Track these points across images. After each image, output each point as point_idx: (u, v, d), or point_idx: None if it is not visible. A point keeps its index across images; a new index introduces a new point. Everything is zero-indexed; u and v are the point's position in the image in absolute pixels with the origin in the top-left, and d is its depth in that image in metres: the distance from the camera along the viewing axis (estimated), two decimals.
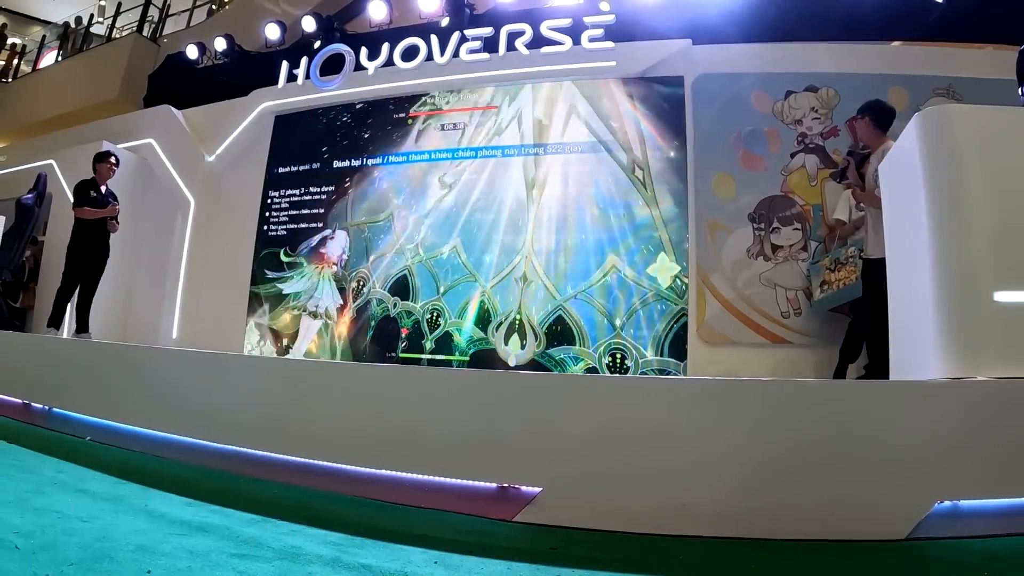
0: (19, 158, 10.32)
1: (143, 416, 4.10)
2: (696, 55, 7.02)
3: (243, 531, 2.42)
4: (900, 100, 6.21)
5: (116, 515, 2.49)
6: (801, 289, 6.15)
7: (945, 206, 3.11)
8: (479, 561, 2.25)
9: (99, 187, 6.51)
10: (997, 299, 2.88)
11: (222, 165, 8.92)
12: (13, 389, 5.03)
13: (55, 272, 6.94)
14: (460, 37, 7.86)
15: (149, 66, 11.63)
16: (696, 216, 6.62)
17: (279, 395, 3.71)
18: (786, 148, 6.57)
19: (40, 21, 18.25)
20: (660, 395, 2.97)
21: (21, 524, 2.20)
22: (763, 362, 6.18)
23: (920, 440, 2.60)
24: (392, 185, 7.91)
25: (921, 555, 2.40)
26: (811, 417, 2.70)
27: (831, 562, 2.35)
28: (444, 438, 3.14)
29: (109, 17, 14.78)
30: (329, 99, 8.46)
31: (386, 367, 3.71)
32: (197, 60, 10.14)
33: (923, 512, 2.48)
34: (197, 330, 8.36)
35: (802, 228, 6.34)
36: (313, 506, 3.01)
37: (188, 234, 8.81)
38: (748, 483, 2.65)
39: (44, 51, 15.74)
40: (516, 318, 6.92)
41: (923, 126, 3.28)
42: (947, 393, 2.73)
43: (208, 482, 3.39)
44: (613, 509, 2.74)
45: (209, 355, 4.70)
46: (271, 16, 10.00)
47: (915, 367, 3.27)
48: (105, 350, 5.10)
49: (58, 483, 2.97)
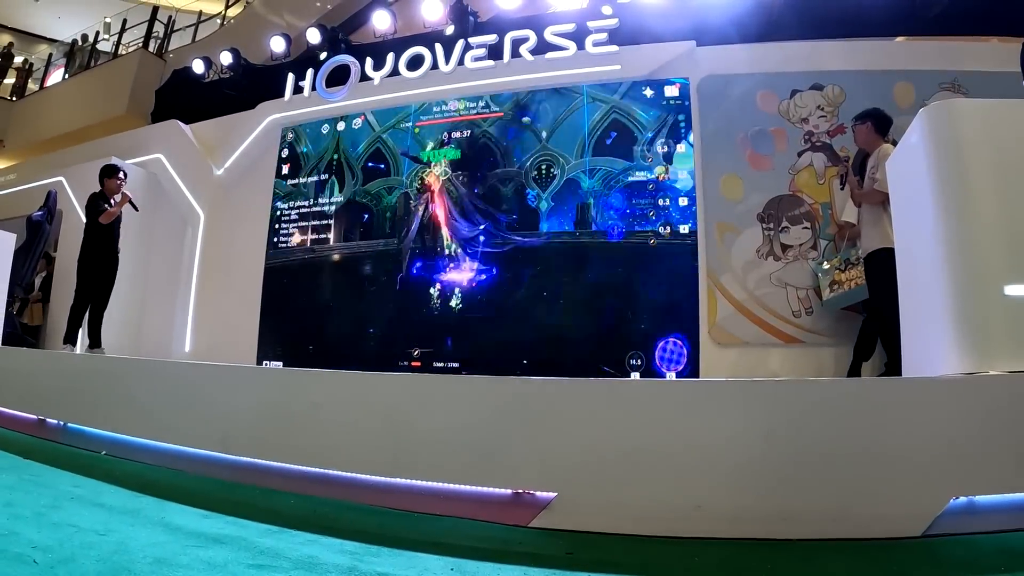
0: (29, 176, 10.41)
1: (158, 429, 4.11)
2: (701, 57, 7.03)
3: (260, 542, 2.43)
4: (906, 96, 6.22)
5: (133, 528, 2.51)
6: (812, 288, 6.13)
7: (952, 201, 3.11)
8: (495, 567, 2.26)
9: (109, 200, 6.56)
10: (1008, 293, 2.87)
11: (231, 178, 8.97)
12: (28, 405, 5.06)
13: (67, 288, 6.98)
14: (465, 45, 7.89)
15: (156, 81, 11.71)
16: (705, 218, 6.62)
17: (293, 405, 3.71)
18: (793, 147, 6.56)
19: (46, 39, 18.38)
20: (673, 397, 2.96)
21: (39, 539, 2.22)
22: (776, 362, 6.17)
23: (934, 437, 2.59)
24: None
25: (937, 552, 2.39)
26: (825, 416, 2.69)
27: (847, 561, 2.34)
28: (458, 445, 3.14)
29: (115, 34, 14.89)
30: (335, 110, 8.50)
31: (399, 376, 3.71)
32: (203, 74, 10.19)
33: (938, 509, 2.46)
34: (210, 342, 8.40)
35: (811, 227, 6.33)
36: (329, 515, 3.02)
37: (199, 247, 8.87)
38: (763, 483, 2.64)
39: (51, 69, 15.84)
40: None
41: (929, 122, 3.28)
42: (960, 389, 2.72)
43: (224, 494, 3.40)
44: (628, 512, 2.73)
45: (222, 367, 4.72)
46: (276, 29, 10.04)
47: (928, 364, 3.26)
48: (118, 365, 5.12)
49: (75, 497, 2.99)
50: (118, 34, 14.33)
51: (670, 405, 2.91)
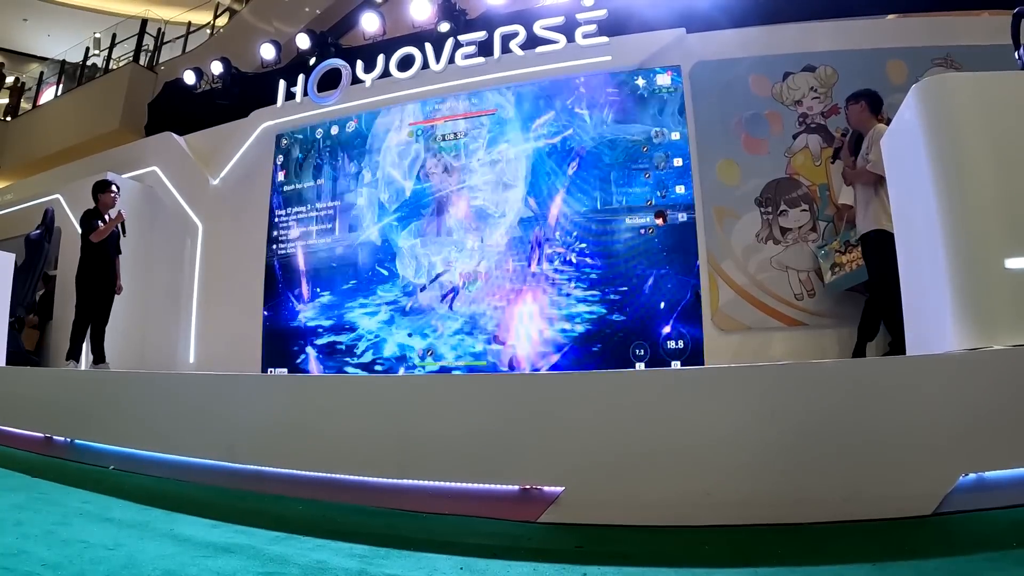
0: (25, 195, 10.40)
1: (165, 442, 4.11)
2: (691, 43, 7.01)
3: (268, 549, 2.42)
4: (899, 73, 6.20)
5: (142, 541, 2.51)
6: (813, 270, 6.12)
7: (949, 175, 3.09)
8: (505, 564, 2.25)
9: (103, 216, 6.56)
10: (1008, 266, 2.85)
11: (227, 187, 8.97)
12: (35, 423, 5.07)
13: (68, 306, 6.99)
14: (455, 43, 7.87)
15: (148, 94, 11.73)
16: (703, 204, 6.60)
17: (298, 412, 3.71)
18: (788, 130, 6.54)
19: (37, 58, 18.40)
20: (678, 386, 2.95)
21: (48, 556, 2.22)
22: (780, 346, 6.16)
23: (941, 414, 2.58)
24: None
25: (949, 529, 2.38)
26: (831, 398, 2.68)
27: (859, 542, 2.33)
28: (463, 443, 3.14)
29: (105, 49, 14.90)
30: (328, 114, 8.49)
31: (402, 377, 3.72)
32: (195, 85, 10.18)
33: (948, 486, 2.45)
34: (214, 352, 8.42)
35: (810, 209, 6.32)
36: (337, 520, 3.02)
37: (198, 258, 8.88)
38: (771, 469, 2.63)
39: (43, 87, 15.86)
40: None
41: (923, 97, 3.26)
42: (965, 365, 2.70)
43: (232, 503, 3.40)
44: (637, 503, 2.73)
45: (227, 377, 4.72)
46: (265, 36, 10.06)
47: (931, 341, 3.25)
48: (123, 379, 5.13)
49: (83, 513, 2.99)
50: (108, 49, 14.33)
51: (676, 394, 2.90)
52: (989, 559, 2.10)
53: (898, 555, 2.18)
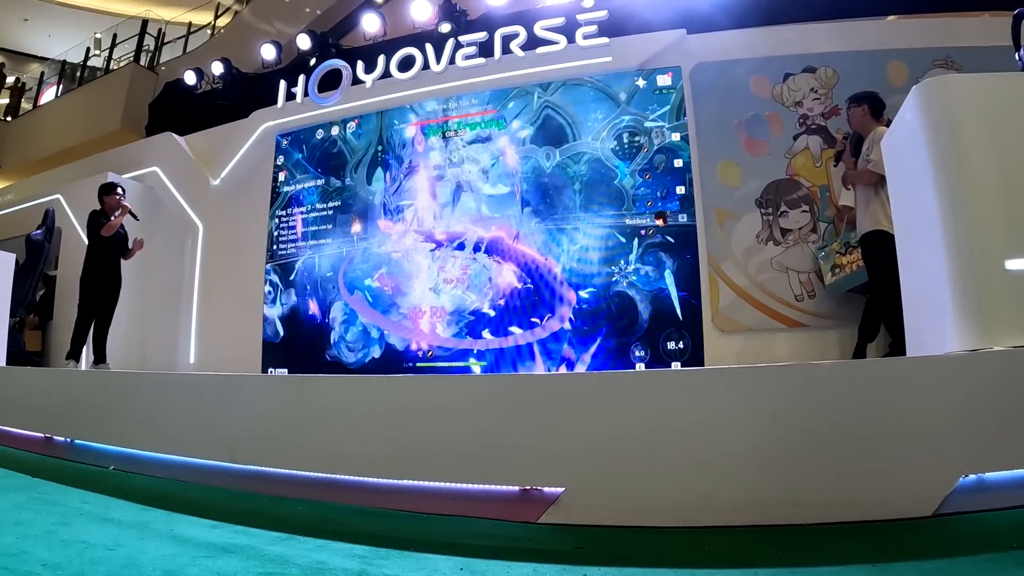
0: (26, 195, 10.39)
1: (165, 442, 4.11)
2: (691, 45, 7.01)
3: (269, 550, 2.42)
4: (900, 74, 6.20)
5: (142, 541, 2.50)
6: (813, 271, 6.12)
7: (949, 176, 3.09)
8: (505, 565, 2.25)
9: (109, 217, 6.55)
10: (1009, 268, 2.85)
11: (228, 188, 8.97)
12: (34, 424, 5.06)
13: (69, 306, 6.99)
14: (455, 44, 7.88)
15: (149, 95, 11.73)
16: (703, 205, 6.61)
17: (298, 412, 3.71)
18: (788, 131, 6.55)
19: (37, 58, 18.40)
20: (678, 387, 2.95)
21: (48, 556, 2.22)
22: (781, 347, 6.16)
23: (941, 415, 2.57)
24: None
25: (949, 531, 2.38)
26: (831, 399, 2.67)
27: (859, 543, 2.33)
28: (463, 444, 3.14)
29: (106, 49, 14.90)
30: (329, 115, 8.50)
31: (402, 377, 3.71)
32: (196, 86, 10.19)
33: (948, 487, 2.45)
34: (214, 353, 8.42)
35: (810, 210, 6.32)
36: (337, 521, 3.01)
37: (199, 258, 8.88)
38: (772, 470, 2.63)
39: (44, 87, 15.86)
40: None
41: (923, 98, 3.26)
42: (965, 366, 2.70)
43: (232, 504, 3.40)
44: (637, 505, 2.72)
45: (226, 377, 4.71)
46: (266, 37, 10.05)
47: (931, 342, 3.25)
48: (123, 379, 5.12)
49: (84, 514, 2.98)
50: (108, 49, 14.33)
51: (676, 395, 2.89)
52: (989, 560, 2.10)
53: (898, 556, 2.18)
